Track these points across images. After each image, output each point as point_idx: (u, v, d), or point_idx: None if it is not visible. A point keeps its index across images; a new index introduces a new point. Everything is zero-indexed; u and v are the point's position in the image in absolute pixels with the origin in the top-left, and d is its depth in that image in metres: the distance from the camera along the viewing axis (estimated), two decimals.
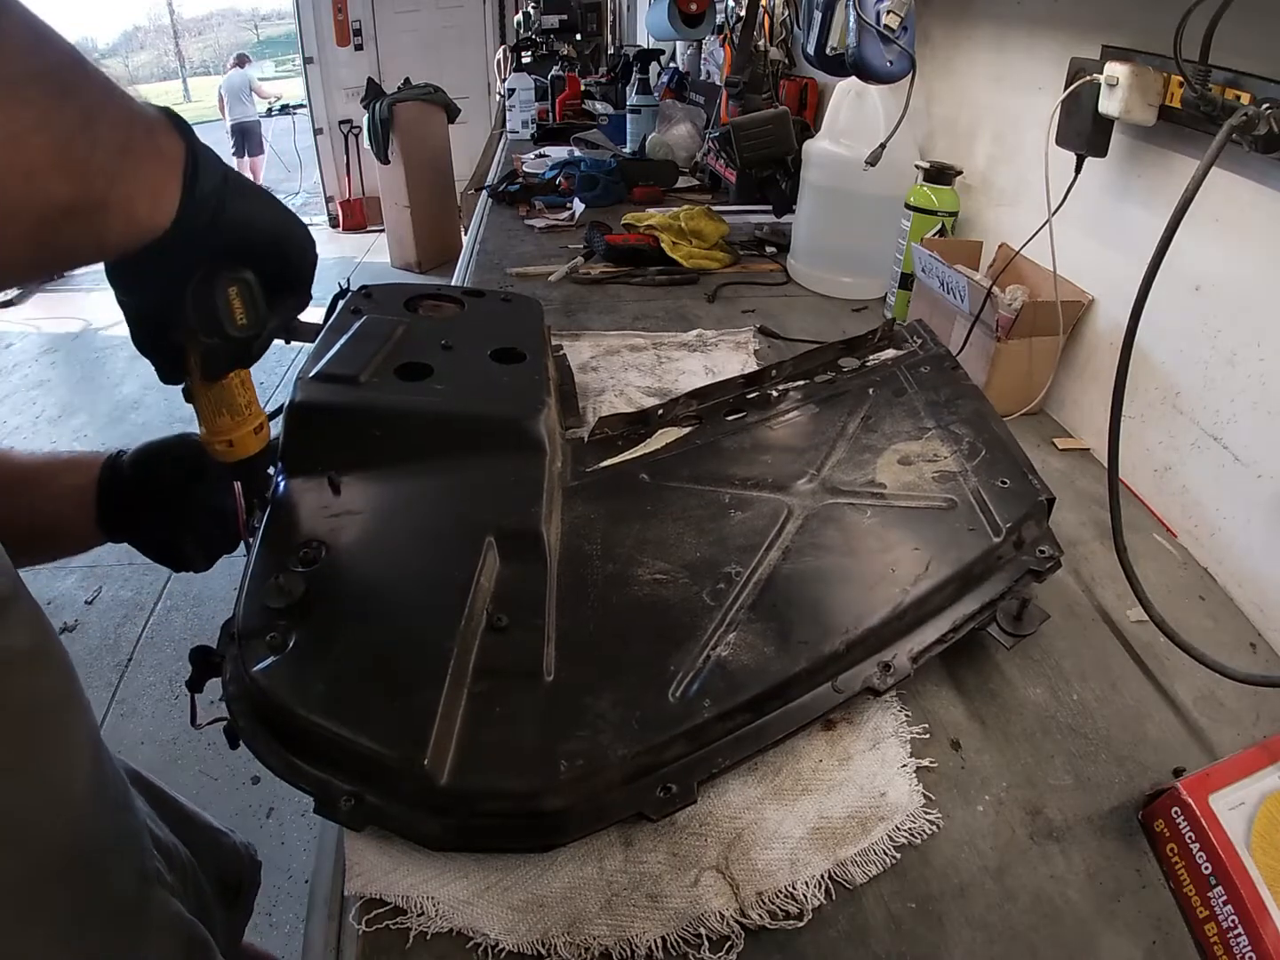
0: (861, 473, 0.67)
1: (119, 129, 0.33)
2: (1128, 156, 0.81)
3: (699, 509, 0.64)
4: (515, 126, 2.69)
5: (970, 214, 1.14)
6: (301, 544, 0.54)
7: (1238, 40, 0.60)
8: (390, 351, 0.69)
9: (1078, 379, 0.91)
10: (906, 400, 0.75)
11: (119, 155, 0.32)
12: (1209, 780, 0.47)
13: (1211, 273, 0.72)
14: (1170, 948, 0.44)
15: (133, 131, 0.34)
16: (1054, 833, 0.49)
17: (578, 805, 0.44)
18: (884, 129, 1.09)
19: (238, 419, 0.49)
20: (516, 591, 0.54)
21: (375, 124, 4.44)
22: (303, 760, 0.45)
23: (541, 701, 0.48)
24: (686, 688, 0.49)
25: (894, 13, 1.00)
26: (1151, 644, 0.63)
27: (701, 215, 1.41)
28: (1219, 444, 0.72)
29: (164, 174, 0.36)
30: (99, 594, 2.27)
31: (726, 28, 1.98)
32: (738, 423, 0.75)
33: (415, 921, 0.43)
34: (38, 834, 0.48)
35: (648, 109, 2.09)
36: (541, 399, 0.67)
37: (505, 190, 1.76)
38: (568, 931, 0.42)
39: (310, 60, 5.51)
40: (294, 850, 1.57)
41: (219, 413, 0.49)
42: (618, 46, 3.70)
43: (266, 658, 0.47)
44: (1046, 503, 0.62)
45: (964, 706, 0.57)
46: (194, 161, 0.36)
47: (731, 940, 0.42)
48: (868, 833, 0.47)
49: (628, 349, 1.05)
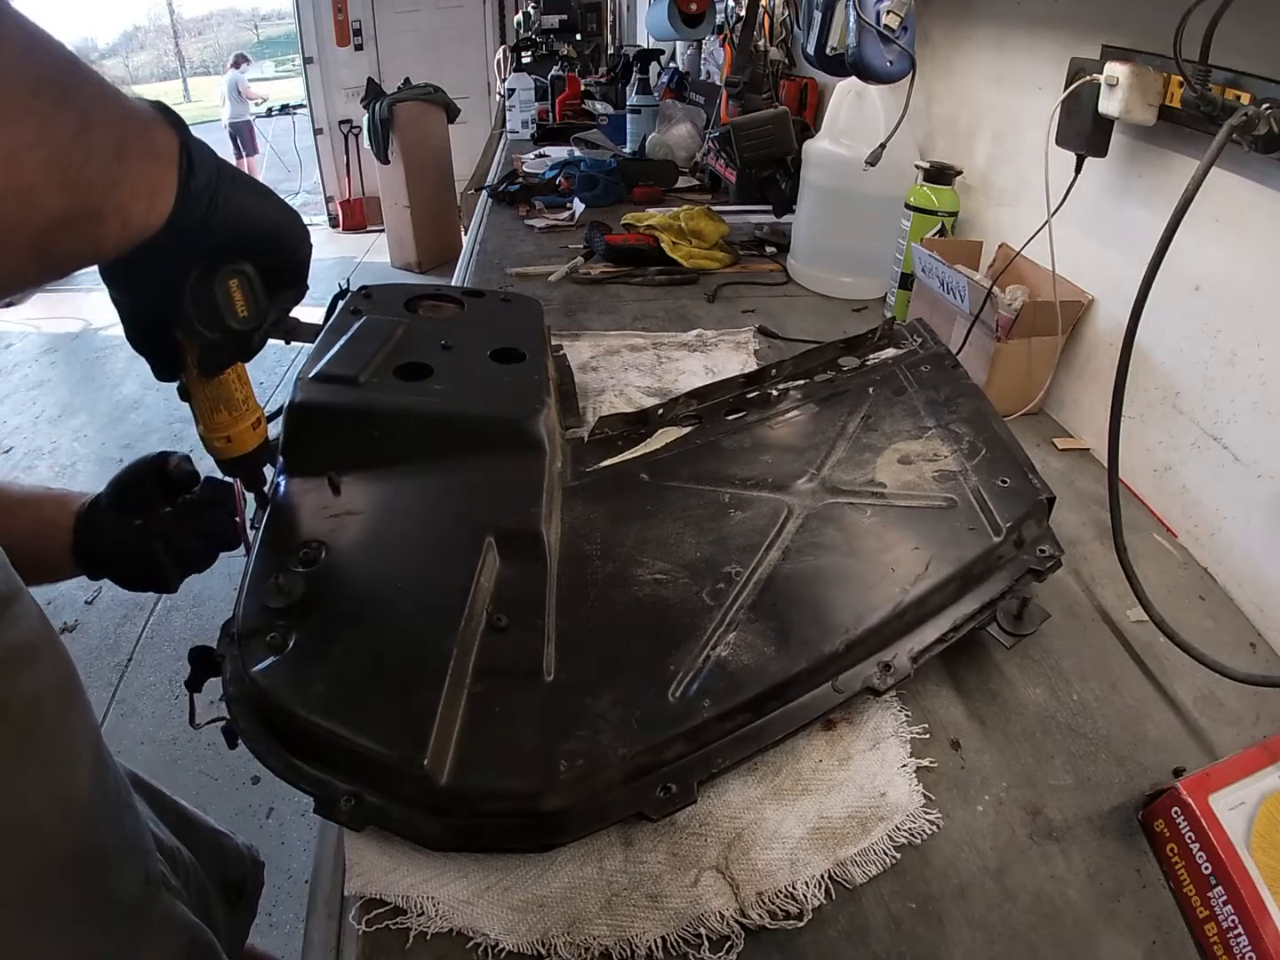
0: (861, 472, 0.67)
1: (114, 131, 0.32)
2: (1128, 156, 0.81)
3: (699, 509, 0.64)
4: (515, 126, 2.69)
5: (970, 214, 1.14)
6: (301, 544, 0.54)
7: (1238, 40, 0.60)
8: (390, 352, 0.69)
9: (1078, 379, 0.91)
10: (906, 399, 0.75)
11: (115, 160, 0.32)
12: (1209, 780, 0.47)
13: (1211, 273, 0.72)
14: (1170, 948, 0.44)
15: (128, 132, 0.33)
16: (1054, 833, 0.49)
17: (578, 805, 0.44)
18: (884, 129, 1.09)
19: (235, 414, 0.49)
20: (516, 591, 0.54)
21: (375, 124, 4.44)
22: (303, 760, 0.45)
23: (541, 701, 0.48)
24: (686, 687, 0.49)
25: (894, 13, 1.00)
26: (1151, 644, 0.63)
27: (701, 215, 1.41)
28: (1219, 444, 0.72)
29: (159, 172, 0.35)
30: (99, 594, 2.27)
31: (726, 28, 1.98)
32: (738, 422, 0.75)
33: (415, 921, 0.43)
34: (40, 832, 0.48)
35: (648, 109, 2.09)
36: (541, 399, 0.67)
37: (505, 190, 1.76)
38: (568, 931, 0.42)
39: (310, 60, 5.50)
40: (294, 850, 1.57)
41: (216, 409, 0.48)
42: (618, 46, 3.70)
43: (266, 658, 0.47)
44: (1047, 502, 0.62)
45: (964, 706, 0.57)
46: (188, 156, 0.36)
47: (731, 940, 0.42)
48: (868, 833, 0.47)
49: (628, 349, 1.05)
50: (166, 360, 0.45)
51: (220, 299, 0.41)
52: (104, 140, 0.32)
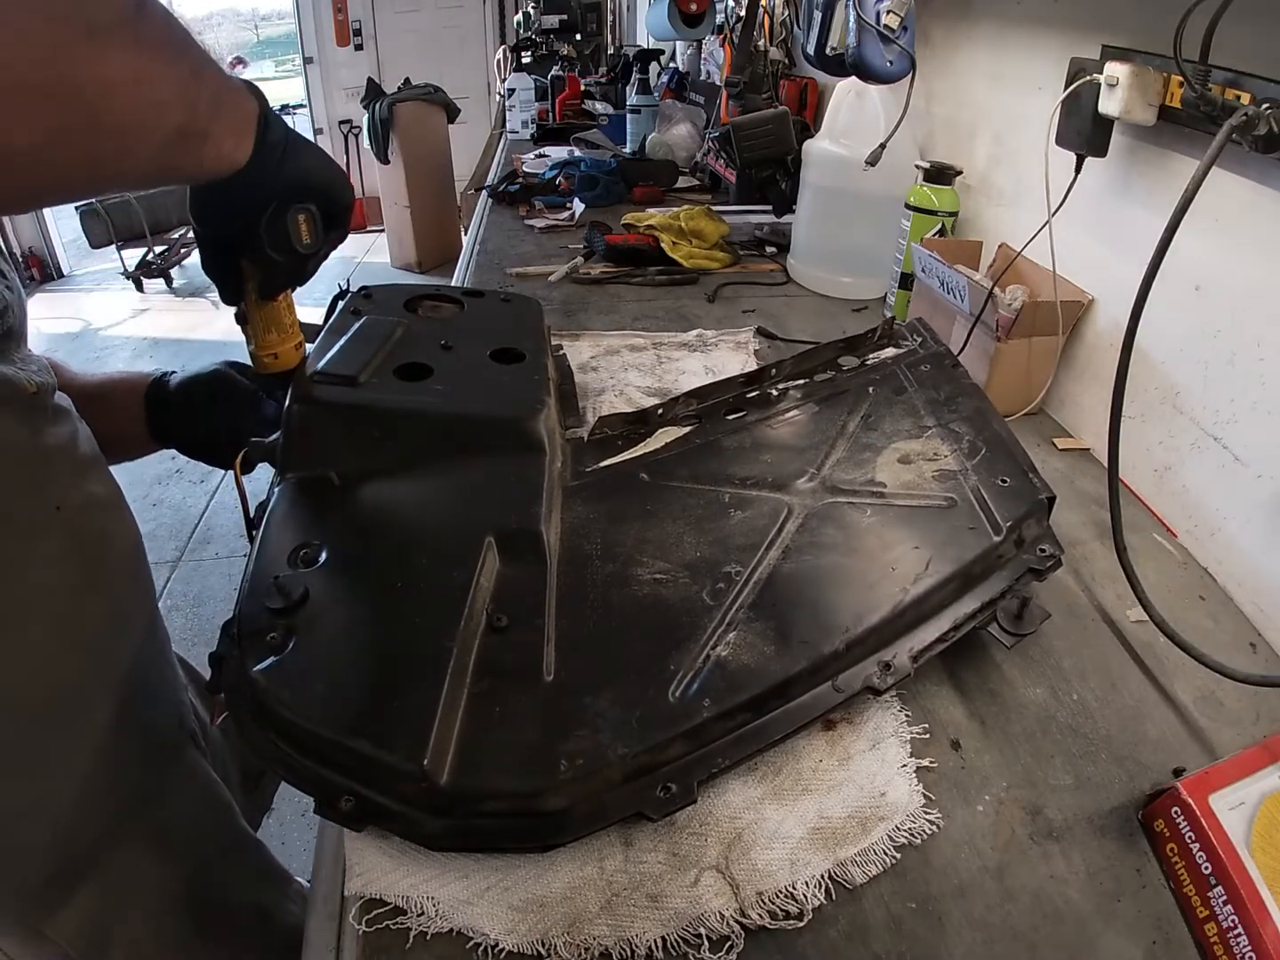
0: (861, 471, 0.67)
1: (215, 83, 0.43)
2: (1128, 156, 0.81)
3: (699, 508, 0.64)
4: (515, 126, 2.69)
5: (970, 214, 1.14)
6: (301, 544, 0.54)
7: (1238, 40, 0.60)
8: (390, 352, 0.69)
9: (1078, 379, 0.91)
10: (906, 399, 0.75)
11: (215, 102, 0.43)
12: (1209, 780, 0.47)
13: (1211, 273, 0.72)
14: (1170, 948, 0.44)
15: (223, 86, 0.44)
16: (1054, 833, 0.49)
17: (578, 805, 0.44)
18: (884, 129, 1.09)
19: (283, 335, 0.60)
20: (516, 591, 0.54)
21: (375, 124, 4.44)
22: (303, 760, 0.45)
23: (541, 701, 0.48)
24: (686, 687, 0.49)
25: (894, 13, 1.00)
26: (1151, 644, 0.63)
27: (701, 215, 1.41)
28: (1219, 444, 0.72)
29: (244, 121, 0.47)
30: None
31: (726, 28, 1.98)
32: (737, 422, 0.75)
33: (415, 921, 0.43)
34: (95, 651, 0.60)
35: (648, 109, 2.09)
36: (541, 399, 0.67)
37: (505, 190, 1.76)
38: (568, 931, 0.42)
39: (310, 60, 5.51)
40: (294, 850, 1.56)
41: (269, 329, 0.59)
42: (618, 46, 3.70)
43: (266, 658, 0.47)
44: (1047, 501, 0.62)
45: (964, 706, 0.57)
46: (265, 117, 0.48)
47: (731, 940, 0.42)
48: (868, 833, 0.47)
49: (628, 349, 1.05)
50: (233, 286, 0.56)
51: (290, 228, 0.52)
52: (210, 87, 0.43)
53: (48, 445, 0.58)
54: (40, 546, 0.56)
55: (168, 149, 0.41)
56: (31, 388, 0.57)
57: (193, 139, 0.42)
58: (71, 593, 0.57)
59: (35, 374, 0.57)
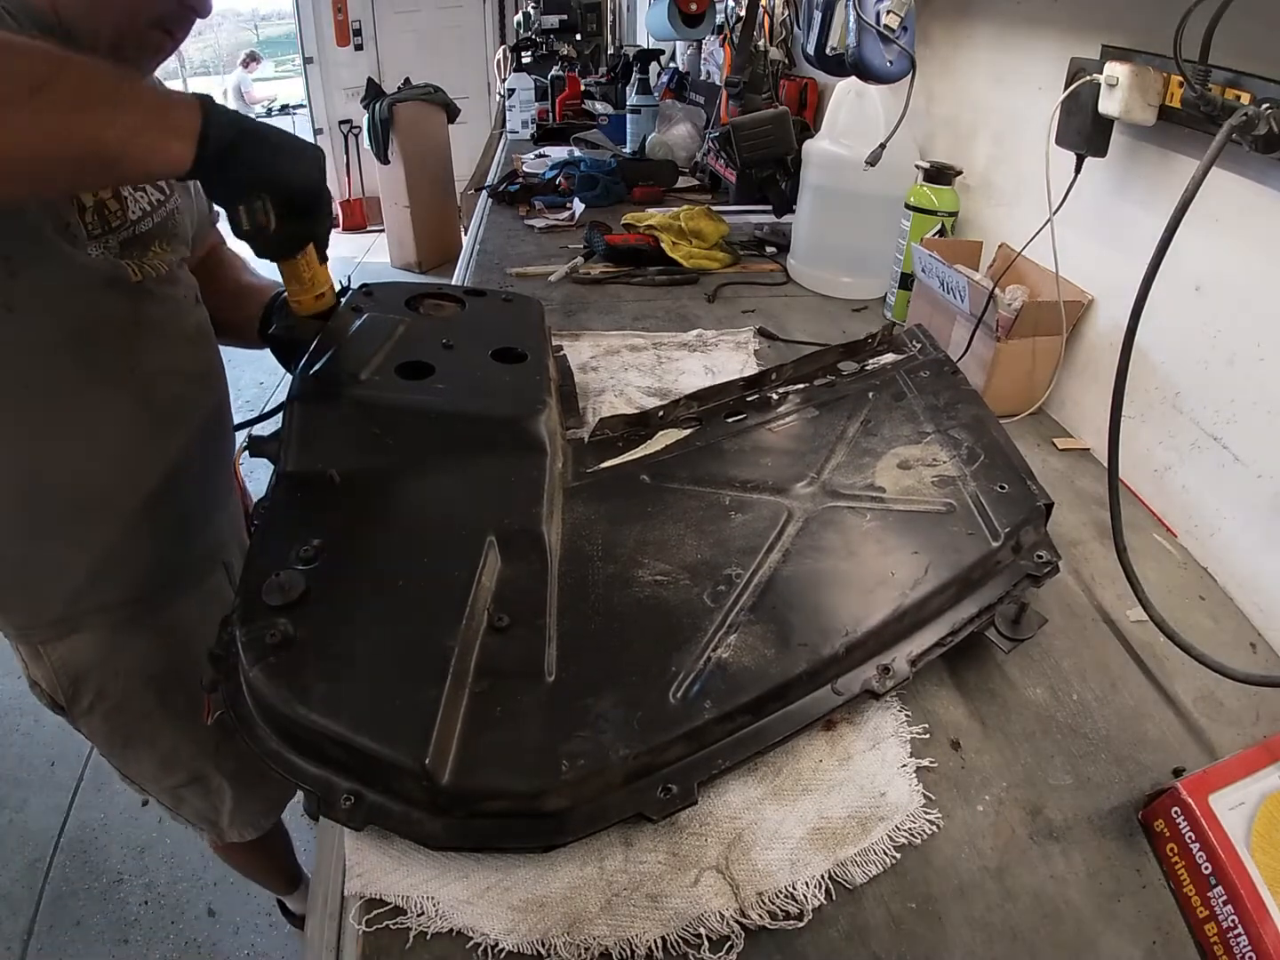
0: (861, 476, 0.67)
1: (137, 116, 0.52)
2: (1128, 156, 0.81)
3: (699, 511, 0.64)
4: (515, 126, 2.69)
5: (970, 214, 1.14)
6: (301, 542, 0.54)
7: (1238, 40, 0.60)
8: (391, 350, 0.69)
9: (1078, 379, 0.91)
10: (906, 405, 0.75)
11: (135, 130, 0.52)
12: (1209, 780, 0.47)
13: (1211, 273, 0.72)
14: (1170, 948, 0.44)
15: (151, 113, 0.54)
16: (1054, 833, 0.49)
17: (579, 805, 0.44)
18: (884, 129, 1.09)
19: (302, 287, 0.71)
20: (518, 591, 0.54)
21: (375, 124, 4.43)
22: (303, 759, 0.45)
23: (542, 702, 0.48)
24: (687, 689, 0.49)
25: (894, 13, 1.00)
26: (1151, 644, 0.63)
27: (701, 215, 1.41)
28: (1219, 444, 0.72)
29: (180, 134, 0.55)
30: None
31: (726, 28, 1.98)
32: (738, 425, 0.75)
33: (415, 921, 0.43)
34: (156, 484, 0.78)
35: (648, 109, 2.09)
36: (542, 399, 0.67)
37: (505, 190, 1.76)
38: (568, 931, 0.42)
39: (310, 60, 5.50)
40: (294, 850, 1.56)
41: (289, 282, 0.71)
42: (618, 46, 3.69)
43: (266, 656, 0.47)
44: (1045, 508, 0.62)
45: (964, 706, 0.57)
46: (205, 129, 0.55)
47: (731, 940, 0.42)
48: (868, 833, 0.47)
49: (628, 349, 1.05)
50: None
51: (243, 215, 0.60)
52: (131, 119, 0.52)
53: (143, 320, 0.73)
54: (115, 396, 0.73)
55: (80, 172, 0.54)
56: (136, 276, 0.72)
57: (107, 161, 0.52)
58: (134, 440, 0.76)
59: (148, 265, 0.73)
